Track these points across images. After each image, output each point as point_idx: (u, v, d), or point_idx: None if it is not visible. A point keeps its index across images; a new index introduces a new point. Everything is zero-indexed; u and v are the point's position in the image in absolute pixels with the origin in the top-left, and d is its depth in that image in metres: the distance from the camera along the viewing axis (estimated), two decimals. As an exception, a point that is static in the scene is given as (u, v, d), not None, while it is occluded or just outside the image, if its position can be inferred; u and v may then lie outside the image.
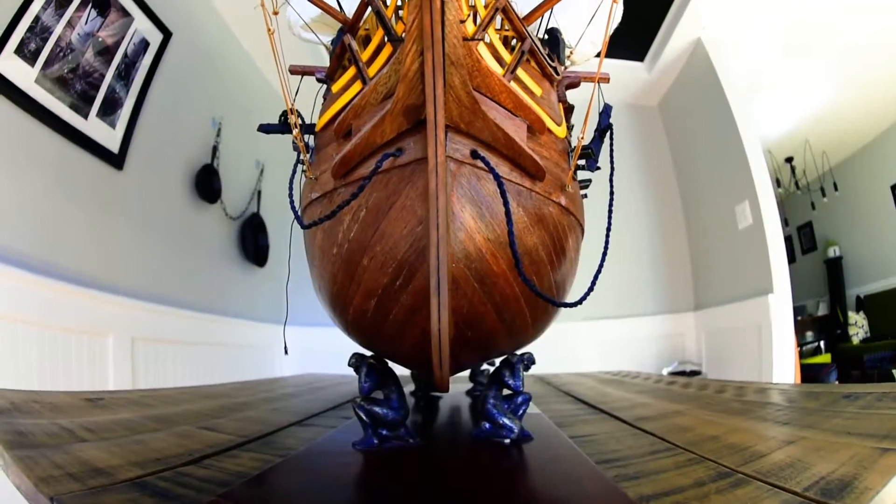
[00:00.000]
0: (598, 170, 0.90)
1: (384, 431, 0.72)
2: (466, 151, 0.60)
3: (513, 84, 0.67)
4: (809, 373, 3.87)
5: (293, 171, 0.85)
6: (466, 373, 1.52)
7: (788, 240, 5.58)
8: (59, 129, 1.96)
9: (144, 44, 2.45)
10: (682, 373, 3.42)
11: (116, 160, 2.24)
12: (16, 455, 0.58)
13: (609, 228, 0.84)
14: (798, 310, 4.73)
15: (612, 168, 0.87)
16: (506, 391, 0.79)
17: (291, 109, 0.78)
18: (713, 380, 2.35)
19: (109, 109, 2.23)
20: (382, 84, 0.61)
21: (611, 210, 0.85)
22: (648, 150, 4.13)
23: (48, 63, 1.92)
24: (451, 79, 0.54)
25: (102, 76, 2.20)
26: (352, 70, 0.78)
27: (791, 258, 4.62)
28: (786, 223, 5.61)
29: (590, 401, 1.35)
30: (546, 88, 0.86)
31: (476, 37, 0.61)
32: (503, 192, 0.59)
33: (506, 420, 0.75)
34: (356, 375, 0.76)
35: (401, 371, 0.83)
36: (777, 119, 4.46)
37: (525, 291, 0.68)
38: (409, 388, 1.37)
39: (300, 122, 0.85)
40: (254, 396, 1.52)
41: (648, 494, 0.52)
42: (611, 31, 0.75)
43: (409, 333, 0.66)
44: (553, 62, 0.93)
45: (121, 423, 0.90)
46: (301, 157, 0.85)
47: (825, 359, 4.30)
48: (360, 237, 0.65)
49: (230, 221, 3.17)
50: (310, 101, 0.97)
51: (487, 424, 0.76)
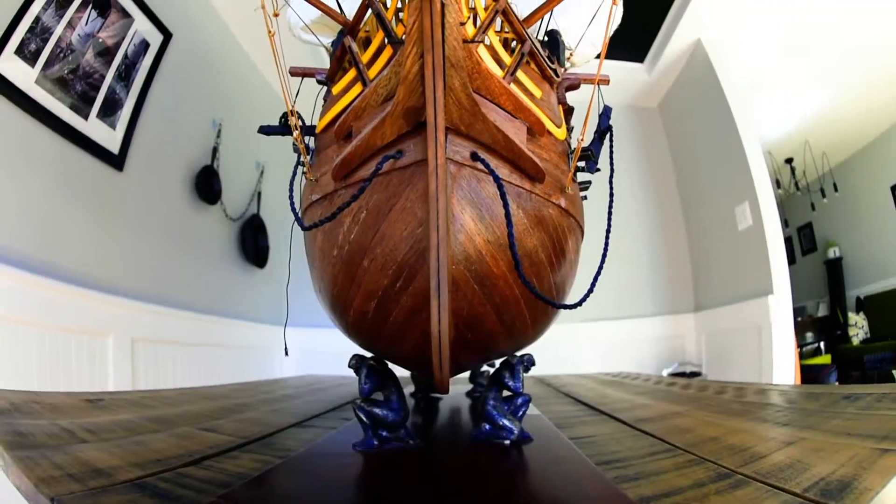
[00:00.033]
0: (598, 171, 0.90)
1: (384, 433, 0.72)
2: (466, 153, 0.60)
3: (513, 86, 0.67)
4: (809, 374, 3.86)
5: (293, 173, 0.85)
6: (466, 374, 1.52)
7: (788, 241, 5.58)
8: (60, 130, 1.96)
9: (145, 45, 2.45)
10: (682, 374, 3.41)
11: (117, 161, 2.24)
12: (16, 455, 0.58)
13: (609, 230, 0.85)
14: (798, 311, 4.73)
15: (612, 170, 0.88)
16: (506, 392, 0.79)
17: (292, 111, 0.78)
18: (713, 381, 2.35)
19: (110, 110, 2.22)
20: (383, 86, 0.62)
21: (610, 212, 0.85)
22: (648, 152, 4.13)
23: (48, 64, 1.92)
24: (452, 81, 0.54)
25: (103, 77, 2.19)
26: (352, 72, 0.79)
27: (791, 259, 4.63)
28: (786, 224, 5.61)
29: (590, 402, 1.35)
30: (546, 90, 0.86)
31: (476, 39, 0.61)
32: (503, 194, 0.59)
33: (506, 421, 0.75)
34: (356, 377, 0.76)
35: (401, 372, 0.83)
36: (777, 120, 4.46)
37: (525, 293, 0.68)
38: (409, 390, 1.37)
39: (300, 124, 0.85)
40: (254, 398, 1.52)
41: (648, 496, 0.52)
42: (611, 33, 0.75)
43: (410, 335, 0.66)
44: (553, 64, 0.94)
45: (121, 424, 0.90)
46: (301, 159, 0.85)
47: (825, 360, 4.30)
48: (361, 239, 0.65)
49: (230, 222, 3.17)
50: (310, 103, 0.97)
51: (487, 426, 0.76)
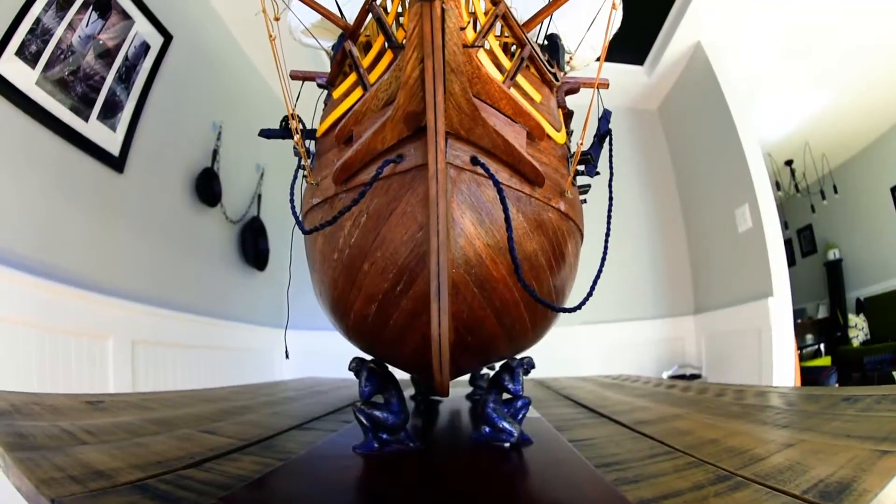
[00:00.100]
0: (598, 175, 0.91)
1: (384, 435, 0.72)
2: (466, 158, 0.60)
3: (512, 90, 0.68)
4: (809, 376, 3.86)
5: (294, 177, 0.85)
6: (466, 377, 1.52)
7: (788, 243, 5.59)
8: (60, 132, 1.96)
9: (145, 47, 2.45)
10: (682, 376, 3.41)
11: (117, 163, 2.24)
12: (16, 457, 0.58)
13: (608, 234, 0.85)
14: (798, 313, 4.72)
15: (612, 173, 0.88)
16: (506, 395, 0.79)
17: (292, 115, 0.78)
18: (713, 383, 2.35)
19: (110, 112, 2.23)
20: (383, 91, 0.62)
21: (609, 216, 0.85)
22: (648, 154, 4.13)
23: (49, 65, 1.92)
24: (452, 86, 0.54)
25: (103, 79, 2.20)
26: (353, 76, 0.79)
27: (791, 261, 4.63)
28: (785, 226, 5.62)
29: (589, 404, 1.35)
30: (545, 94, 0.86)
31: (476, 44, 0.61)
32: (503, 199, 0.59)
33: (505, 424, 0.75)
34: (356, 379, 0.76)
35: (401, 375, 0.83)
36: (777, 122, 4.47)
37: (525, 296, 0.68)
38: (410, 392, 1.37)
39: (301, 128, 0.85)
40: (254, 400, 1.52)
41: (648, 498, 0.52)
42: (610, 37, 0.76)
43: (410, 338, 0.66)
44: (552, 68, 0.94)
45: (121, 426, 0.90)
46: (302, 163, 0.85)
47: (825, 361, 4.30)
48: (361, 242, 0.65)
49: (230, 225, 3.17)
50: (310, 107, 0.98)
51: (487, 428, 0.76)
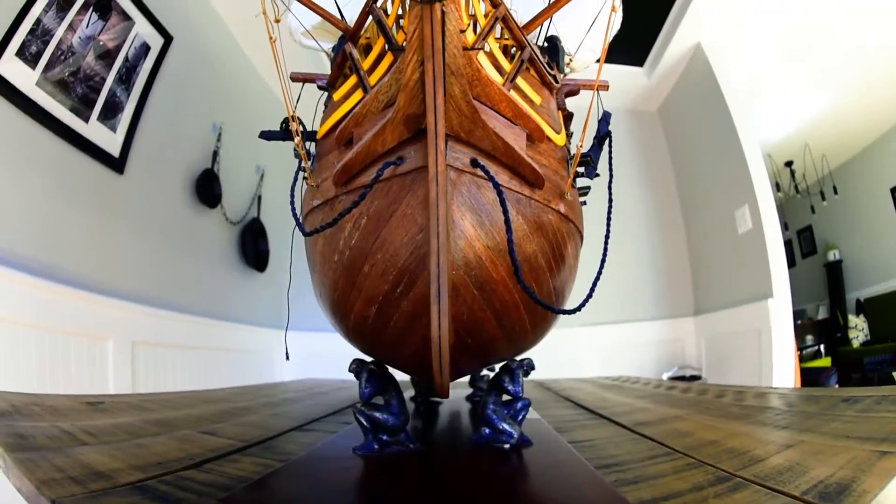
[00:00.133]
0: (598, 177, 0.91)
1: (384, 437, 0.72)
2: (466, 160, 0.60)
3: (512, 93, 0.68)
4: (809, 377, 3.86)
5: (294, 179, 0.85)
6: (466, 378, 1.52)
7: (788, 244, 5.59)
8: (60, 133, 1.96)
9: (145, 48, 2.45)
10: (682, 377, 3.41)
11: (117, 164, 2.24)
12: (17, 458, 0.58)
13: (608, 236, 0.85)
14: (798, 314, 4.73)
15: (611, 176, 0.88)
16: (505, 397, 0.79)
17: (293, 117, 0.78)
18: (713, 384, 2.35)
19: (110, 113, 2.23)
20: (383, 93, 0.62)
21: (609, 218, 0.85)
22: (648, 156, 4.13)
23: (49, 66, 1.92)
24: (452, 88, 0.54)
25: (103, 80, 2.20)
26: (353, 78, 0.79)
27: (791, 262, 4.63)
28: (785, 227, 5.62)
29: (589, 406, 1.35)
30: (545, 96, 0.86)
31: (476, 46, 0.62)
32: (502, 201, 0.59)
33: (505, 425, 0.75)
34: (356, 381, 0.76)
35: (401, 376, 0.83)
36: (777, 123, 4.47)
37: (524, 298, 0.68)
38: (410, 394, 1.37)
39: (301, 130, 0.85)
40: (254, 401, 1.52)
41: (647, 499, 0.52)
42: (610, 39, 0.76)
43: (410, 340, 0.66)
44: (552, 70, 0.94)
45: (122, 427, 0.90)
46: (302, 165, 0.85)
47: (825, 362, 4.29)
48: (362, 244, 0.66)
49: (230, 226, 3.17)
50: (311, 108, 0.98)
51: (487, 430, 0.76)
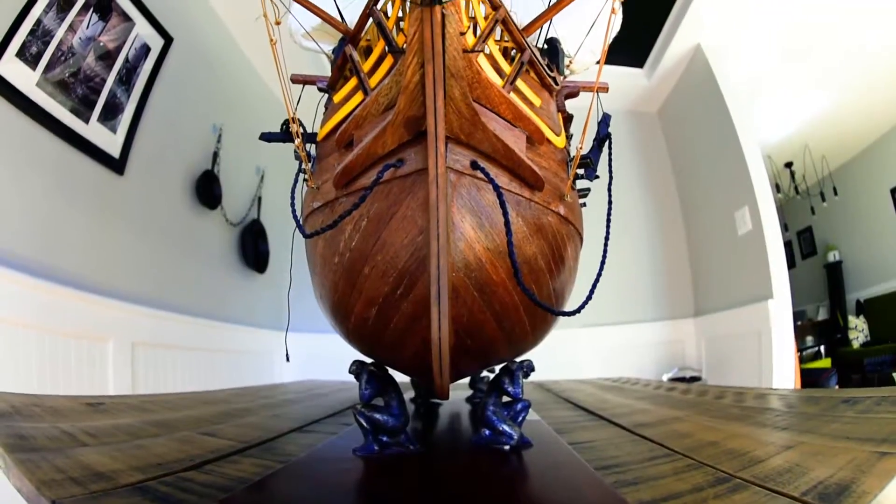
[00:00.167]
0: (598, 178, 0.91)
1: (384, 438, 0.72)
2: (466, 162, 0.60)
3: (512, 95, 0.68)
4: (810, 378, 3.86)
5: (295, 181, 0.85)
6: (466, 380, 1.52)
7: (788, 245, 5.59)
8: (61, 134, 1.96)
9: (146, 49, 2.45)
10: (682, 379, 3.41)
11: (117, 165, 2.24)
12: (17, 458, 0.59)
13: (607, 238, 0.85)
14: (798, 315, 4.72)
15: (611, 178, 0.88)
16: (505, 398, 0.79)
17: (293, 119, 0.78)
18: (713, 386, 2.35)
19: (110, 114, 2.23)
20: (384, 95, 0.62)
21: (609, 220, 0.85)
22: (648, 157, 4.13)
23: (49, 67, 1.92)
24: (452, 91, 0.54)
25: (104, 81, 2.20)
26: (353, 81, 0.79)
27: (791, 263, 4.63)
28: (785, 228, 5.61)
29: (589, 407, 1.35)
30: (545, 98, 0.86)
31: (476, 48, 0.62)
32: (502, 203, 0.59)
33: (505, 427, 0.75)
34: (356, 382, 0.76)
35: (401, 378, 0.83)
36: (776, 124, 4.47)
37: (524, 300, 0.68)
38: (410, 395, 1.37)
39: (302, 132, 0.86)
40: (254, 402, 1.52)
41: (647, 500, 0.52)
42: (610, 41, 0.76)
43: (410, 342, 0.67)
44: (552, 72, 0.94)
45: (122, 428, 0.90)
46: (303, 167, 0.85)
47: (825, 363, 4.29)
48: (362, 246, 0.66)
49: (230, 227, 3.17)
50: (311, 110, 0.98)
51: (487, 431, 0.76)
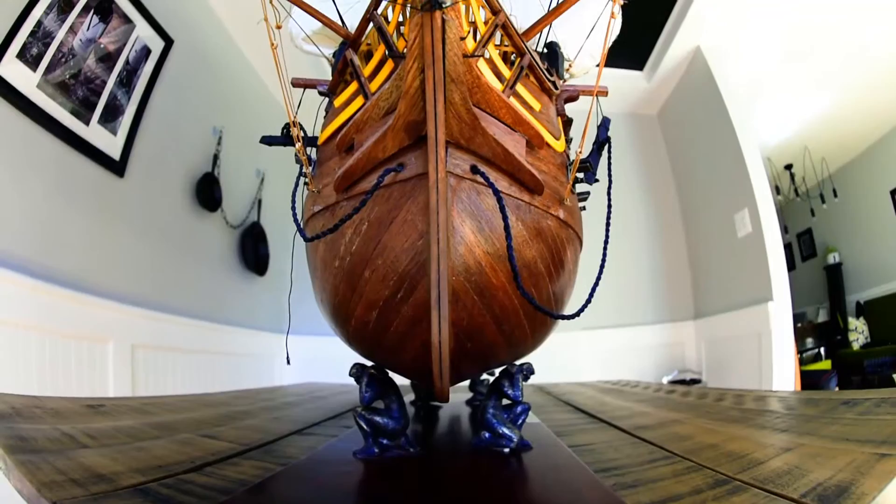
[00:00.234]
0: (597, 182, 0.91)
1: (385, 441, 0.73)
2: (466, 167, 0.61)
3: (512, 100, 0.68)
4: (810, 380, 3.85)
5: (295, 184, 0.86)
6: (466, 383, 1.52)
7: (788, 247, 5.59)
8: (61, 135, 1.96)
9: (146, 51, 2.45)
10: (682, 381, 3.41)
11: (118, 167, 2.24)
12: (18, 460, 0.59)
13: (606, 242, 0.85)
14: (798, 317, 4.72)
15: (610, 181, 0.88)
16: (505, 401, 0.80)
17: (294, 122, 0.79)
18: (712, 388, 2.35)
19: (111, 116, 2.23)
20: (384, 100, 0.62)
21: (608, 224, 0.85)
22: (648, 159, 4.13)
23: (50, 68, 1.91)
24: (452, 96, 0.55)
25: (104, 83, 2.20)
26: (354, 85, 0.79)
27: (791, 265, 4.63)
28: (785, 230, 5.61)
29: (589, 410, 1.35)
30: (545, 103, 0.86)
31: (476, 53, 0.62)
32: (502, 207, 0.60)
33: (505, 430, 0.75)
34: (357, 385, 0.76)
35: (401, 381, 0.83)
36: (776, 126, 4.47)
37: (524, 304, 0.68)
38: (410, 398, 1.37)
39: (302, 136, 0.86)
40: (254, 405, 1.53)
41: (646, 503, 0.53)
42: (609, 45, 0.76)
43: (410, 345, 0.67)
44: (552, 76, 0.94)
45: (122, 430, 0.90)
46: (303, 170, 0.86)
47: (825, 365, 4.28)
48: (362, 250, 0.66)
49: (231, 230, 3.17)
50: (311, 113, 0.98)
51: (487, 434, 0.76)
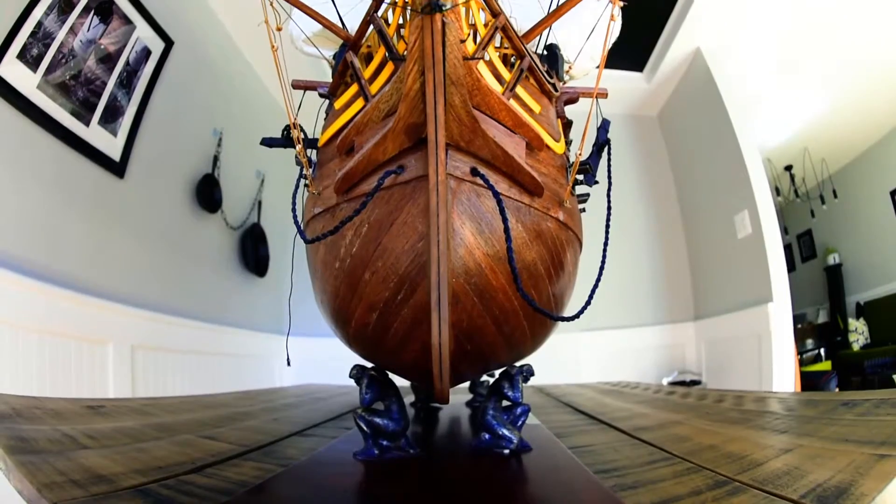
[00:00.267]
0: (597, 184, 0.91)
1: (385, 442, 0.73)
2: (466, 169, 0.61)
3: (512, 102, 0.69)
4: (810, 381, 3.84)
5: (296, 186, 0.86)
6: (466, 384, 1.52)
7: (788, 248, 5.58)
8: (61, 136, 1.95)
9: (146, 52, 2.45)
10: (682, 382, 3.41)
11: (118, 168, 2.24)
12: (18, 460, 0.59)
13: (606, 244, 0.85)
14: (798, 317, 4.72)
15: (610, 183, 0.88)
16: (505, 402, 0.80)
17: (294, 124, 0.79)
18: (712, 389, 2.35)
19: (111, 117, 2.23)
20: (384, 102, 0.63)
21: (608, 226, 0.86)
22: (648, 161, 4.13)
23: (50, 69, 1.91)
24: (452, 98, 0.55)
25: (104, 83, 2.20)
26: (354, 87, 0.80)
27: (791, 266, 4.62)
28: (785, 231, 5.60)
29: (589, 411, 1.35)
30: (545, 105, 0.87)
31: (476, 56, 0.62)
32: (502, 209, 0.60)
33: (505, 431, 0.75)
34: (357, 386, 0.77)
35: (401, 382, 0.83)
36: (776, 127, 4.47)
37: (524, 305, 0.68)
38: (410, 400, 1.37)
39: (303, 137, 0.86)
40: (254, 406, 1.53)
41: (646, 504, 0.53)
42: (609, 47, 0.77)
43: (410, 346, 0.67)
44: (551, 79, 0.95)
45: (122, 431, 0.90)
46: (304, 172, 0.86)
47: (825, 366, 4.28)
48: (362, 252, 0.66)
49: (231, 231, 3.17)
50: (312, 115, 0.98)
51: (487, 435, 0.76)
